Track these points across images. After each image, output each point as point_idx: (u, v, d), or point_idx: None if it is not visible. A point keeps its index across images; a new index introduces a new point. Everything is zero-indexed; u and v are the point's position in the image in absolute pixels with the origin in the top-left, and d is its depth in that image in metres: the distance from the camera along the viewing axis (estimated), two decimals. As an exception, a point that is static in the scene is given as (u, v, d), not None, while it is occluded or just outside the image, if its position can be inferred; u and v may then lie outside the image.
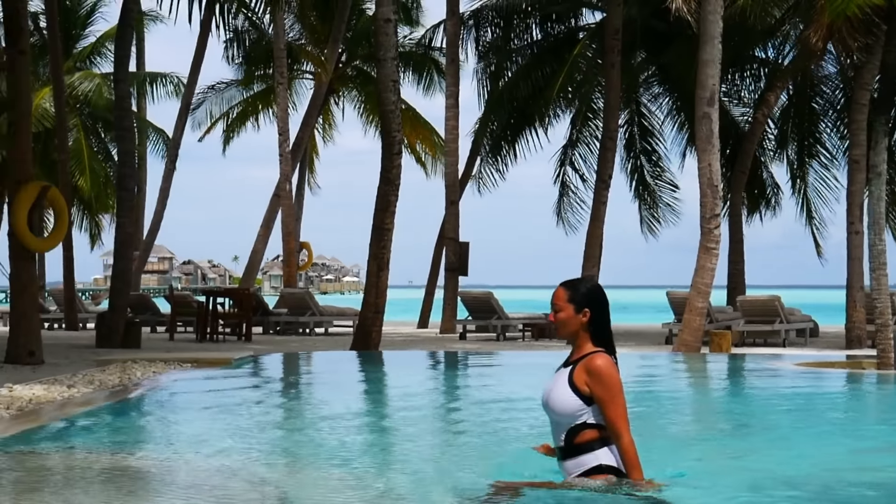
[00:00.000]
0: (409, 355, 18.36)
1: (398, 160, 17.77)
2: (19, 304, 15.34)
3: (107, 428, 8.68)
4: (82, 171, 35.10)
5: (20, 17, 15.45)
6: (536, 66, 27.94)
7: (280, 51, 31.60)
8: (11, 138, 15.59)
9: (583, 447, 5.31)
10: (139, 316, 25.45)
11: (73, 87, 34.82)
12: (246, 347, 19.46)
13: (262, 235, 33.14)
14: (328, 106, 38.15)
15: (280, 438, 8.33)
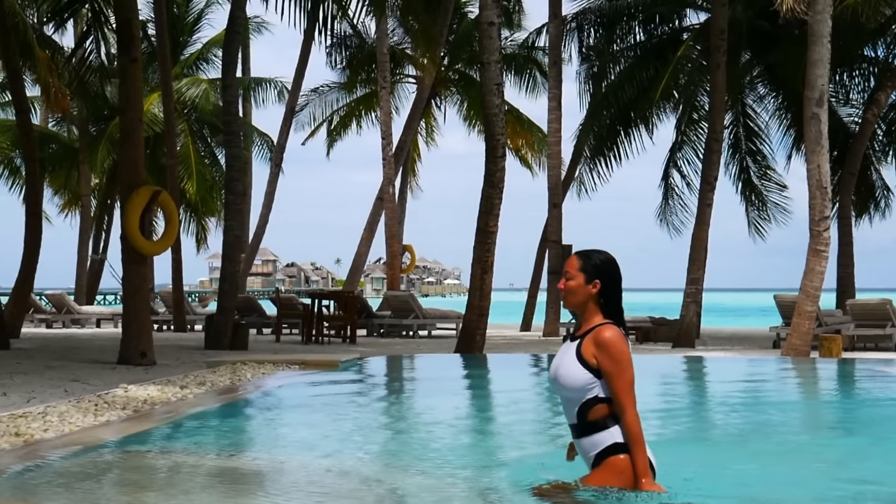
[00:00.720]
0: (513, 358, 18.34)
1: (502, 163, 17.78)
2: (131, 306, 15.66)
3: (220, 429, 8.82)
4: (189, 175, 35.75)
5: (132, 26, 15.76)
6: (640, 68, 27.75)
7: (383, 55, 31.83)
8: (124, 144, 15.89)
9: (597, 424, 5.19)
10: (246, 318, 25.81)
11: (181, 92, 35.47)
12: (351, 350, 19.62)
13: (365, 238, 33.38)
14: (430, 109, 38.31)
15: (389, 440, 8.39)
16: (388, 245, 32.03)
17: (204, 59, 38.75)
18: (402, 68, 37.55)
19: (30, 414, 8.48)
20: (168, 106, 27.62)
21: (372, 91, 36.33)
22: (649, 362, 18.13)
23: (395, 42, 35.74)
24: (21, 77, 22.17)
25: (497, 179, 17.67)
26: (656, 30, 29.22)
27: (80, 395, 10.36)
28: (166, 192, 17.02)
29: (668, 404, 11.74)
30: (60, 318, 32.02)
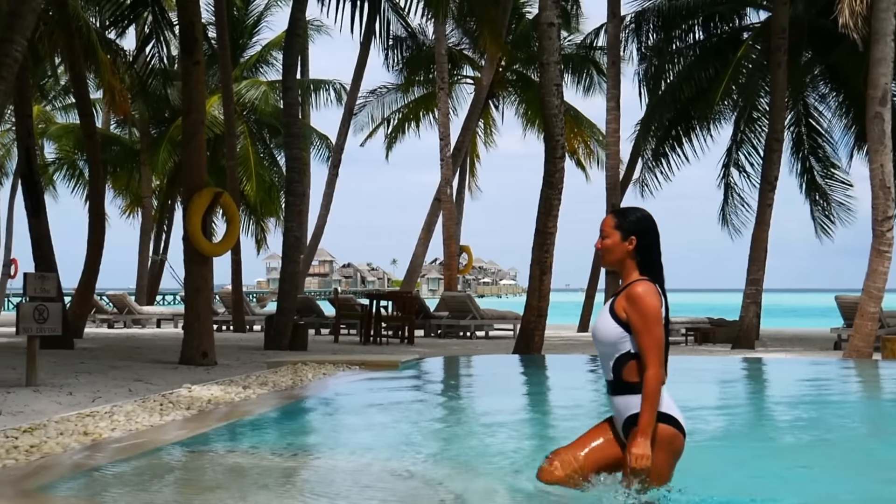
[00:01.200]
0: (571, 359, 18.32)
1: (561, 164, 17.75)
2: (193, 306, 15.82)
3: (283, 429, 8.89)
4: (249, 176, 36.05)
5: (195, 29, 15.93)
6: (700, 67, 27.58)
7: (441, 56, 31.91)
8: (186, 146, 16.06)
9: (633, 386, 5.15)
10: (304, 318, 25.97)
11: (241, 94, 35.78)
12: (410, 350, 19.69)
13: (422, 239, 33.46)
14: (488, 110, 38.32)
15: (450, 442, 8.41)
16: (445, 246, 32.10)
17: (263, 61, 39.05)
18: (459, 69, 37.62)
19: (97, 413, 8.60)
20: (228, 108, 27.85)
21: (430, 92, 36.43)
22: (708, 363, 18.03)
23: (453, 43, 35.82)
24: (85, 80, 22.47)
25: (556, 180, 17.65)
26: (716, 29, 29.01)
27: (145, 394, 10.50)
28: (228, 194, 17.16)
29: (726, 406, 11.68)
30: (122, 318, 32.41)
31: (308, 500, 5.75)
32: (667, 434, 5.11)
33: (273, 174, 37.90)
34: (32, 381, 11.47)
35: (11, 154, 42.80)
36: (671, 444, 5.13)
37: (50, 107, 44.73)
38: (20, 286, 51.07)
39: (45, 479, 5.94)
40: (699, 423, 9.60)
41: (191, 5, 16.08)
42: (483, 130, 39.93)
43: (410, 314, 23.45)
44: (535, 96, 34.79)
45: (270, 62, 39.10)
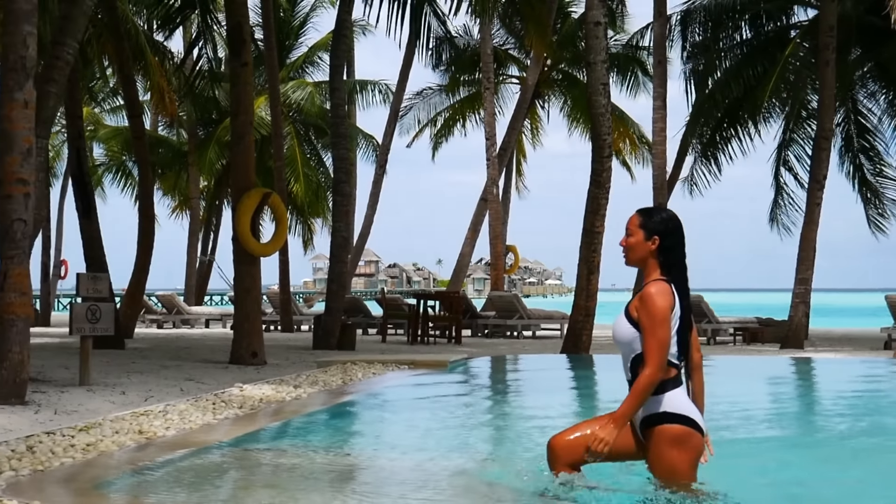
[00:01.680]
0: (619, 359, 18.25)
1: (608, 163, 17.71)
2: (243, 306, 15.92)
3: (334, 427, 8.94)
4: (296, 177, 36.23)
5: (243, 31, 16.03)
6: (747, 66, 27.38)
7: (487, 56, 31.92)
8: (235, 147, 16.16)
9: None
10: (351, 318, 26.05)
11: (287, 95, 35.95)
12: (458, 350, 19.70)
13: (469, 239, 33.47)
14: (534, 109, 38.28)
15: (501, 441, 8.43)
16: (491, 245, 32.11)
17: (309, 62, 39.23)
18: (505, 69, 37.61)
19: (151, 412, 8.69)
20: (275, 109, 27.99)
21: (475, 92, 36.45)
22: (757, 363, 17.93)
23: (499, 43, 35.81)
24: (134, 82, 22.66)
25: (604, 179, 17.61)
26: (763, 27, 28.80)
27: (196, 394, 10.58)
28: (276, 195, 17.26)
29: (776, 406, 11.61)
30: (171, 318, 32.67)
31: (359, 499, 5.78)
32: (677, 432, 5.14)
33: (319, 175, 38.06)
34: (86, 380, 11.59)
35: (61, 156, 43.22)
36: (685, 442, 5.15)
37: (98, 109, 45.15)
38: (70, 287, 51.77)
39: (101, 477, 6.01)
40: (747, 423, 9.56)
41: (238, 7, 16.18)
42: (529, 130, 39.90)
43: (458, 314, 23.47)
44: (581, 95, 34.72)
45: (316, 63, 39.28)
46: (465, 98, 37.63)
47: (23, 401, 9.64)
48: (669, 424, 5.14)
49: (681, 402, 5.18)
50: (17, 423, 8.29)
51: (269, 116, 30.73)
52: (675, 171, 30.34)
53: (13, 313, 9.74)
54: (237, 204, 15.98)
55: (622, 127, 37.07)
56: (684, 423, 5.14)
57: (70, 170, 20.23)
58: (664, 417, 5.16)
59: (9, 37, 9.95)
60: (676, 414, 5.15)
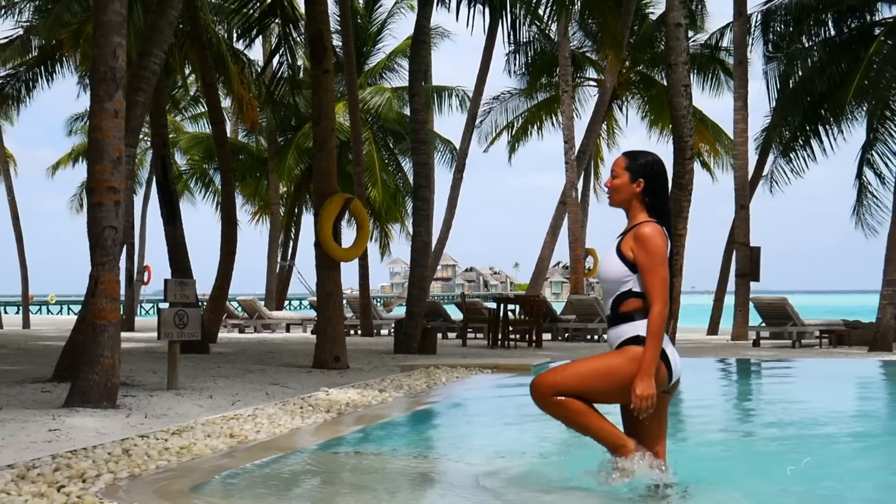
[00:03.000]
0: (702, 363, 18.11)
1: (690, 165, 17.57)
2: (326, 311, 16.02)
3: (420, 431, 8.97)
4: (374, 182, 36.41)
5: (323, 39, 16.15)
6: (830, 65, 26.99)
7: (565, 59, 31.85)
8: (317, 154, 16.28)
9: (626, 316, 5.29)
10: (431, 322, 26.12)
11: (365, 101, 36.15)
12: (539, 354, 19.67)
13: (548, 242, 33.39)
14: (612, 111, 38.12)
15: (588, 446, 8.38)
16: (571, 249, 32.01)
17: (387, 68, 39.40)
18: (582, 72, 37.49)
19: (241, 416, 8.79)
20: (354, 115, 28.16)
21: (552, 96, 36.39)
22: (843, 366, 17.68)
23: (576, 46, 35.71)
24: (216, 90, 22.93)
25: (686, 182, 17.47)
26: (846, 25, 28.39)
27: (282, 398, 10.68)
28: (358, 200, 17.36)
29: (863, 410, 11.45)
30: (252, 323, 32.99)
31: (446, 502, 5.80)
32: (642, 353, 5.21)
33: (398, 180, 38.24)
34: (174, 384, 11.75)
35: (144, 163, 43.93)
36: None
37: (180, 117, 45.80)
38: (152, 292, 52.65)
39: (196, 480, 6.10)
40: (833, 428, 9.43)
41: (319, 16, 16.30)
42: (606, 132, 39.73)
43: (538, 317, 23.44)
44: (659, 97, 34.54)
45: (394, 69, 39.45)
46: (543, 101, 37.57)
47: (114, 404, 9.81)
48: (640, 346, 5.21)
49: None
50: (111, 426, 8.43)
51: (347, 122, 30.91)
52: (757, 171, 30.04)
53: (104, 319, 9.91)
54: (319, 209, 16.09)
55: (702, 128, 36.76)
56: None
57: (156, 177, 20.52)
58: (636, 339, 5.27)
59: (98, 48, 10.12)
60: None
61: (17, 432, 7.86)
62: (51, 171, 48.25)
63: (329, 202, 16.02)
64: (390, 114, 36.94)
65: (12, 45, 30.77)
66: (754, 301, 25.59)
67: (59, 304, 77.85)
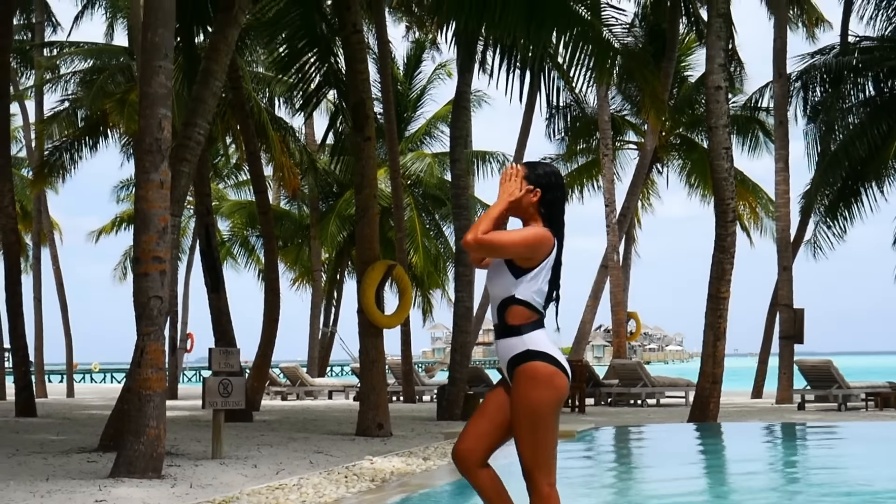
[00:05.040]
0: (749, 427, 17.93)
1: (732, 227, 17.53)
2: (369, 378, 16.02)
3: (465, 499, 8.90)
4: (415, 248, 36.49)
5: (366, 107, 16.30)
6: (871, 126, 26.94)
7: (605, 123, 31.93)
8: (359, 221, 16.36)
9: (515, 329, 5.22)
10: (473, 388, 26.00)
11: (406, 167, 36.34)
12: (582, 419, 19.54)
13: (590, 306, 33.26)
14: (652, 174, 38.11)
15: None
16: (613, 312, 31.87)
17: (427, 133, 39.63)
18: (622, 135, 37.55)
19: (286, 485, 8.77)
20: (395, 181, 28.29)
21: (593, 159, 36.42)
22: (889, 429, 17.45)
23: (616, 109, 35.80)
24: (259, 158, 23.14)
25: (728, 244, 17.43)
26: (886, 84, 28.36)
27: (326, 466, 10.66)
28: (401, 267, 17.42)
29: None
30: (295, 390, 32.98)
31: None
32: (545, 370, 5.10)
33: (439, 245, 38.30)
34: (218, 453, 11.76)
35: (187, 231, 44.26)
36: (550, 380, 5.10)
37: (222, 184, 46.22)
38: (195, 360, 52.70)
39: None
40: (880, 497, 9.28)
41: (360, 84, 16.45)
42: (646, 195, 39.67)
43: (581, 382, 23.31)
44: (700, 159, 34.47)
45: (434, 135, 39.67)
46: (583, 165, 37.62)
47: (159, 474, 9.82)
48: (532, 362, 5.12)
49: (543, 342, 5.18)
50: (156, 497, 8.44)
51: (389, 188, 31.06)
52: (799, 232, 29.87)
53: (150, 388, 9.96)
54: (362, 276, 16.14)
55: (743, 189, 36.65)
56: (547, 361, 5.12)
57: (199, 245, 20.68)
58: (527, 355, 5.15)
59: (145, 120, 10.27)
60: (537, 351, 5.14)
61: (65, 503, 7.88)
62: (94, 237, 48.75)
63: (371, 269, 16.07)
64: (431, 179, 37.10)
65: (58, 116, 31.25)
66: (798, 364, 25.34)
67: (102, 372, 78.20)
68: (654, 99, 24.95)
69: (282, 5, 19.21)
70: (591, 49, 16.89)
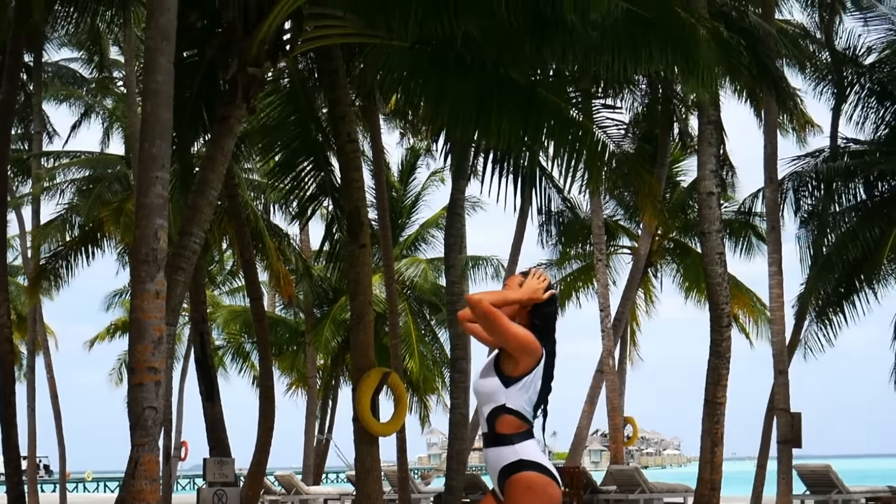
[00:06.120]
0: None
1: (728, 332, 17.60)
2: (365, 487, 15.92)
3: None
4: (411, 353, 36.40)
5: (360, 214, 16.43)
6: (863, 229, 27.07)
7: (598, 228, 32.09)
8: (354, 328, 16.38)
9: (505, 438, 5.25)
10: (470, 495, 25.77)
11: (400, 272, 36.44)
12: (581, 527, 19.35)
13: (586, 412, 33.09)
14: (647, 278, 38.18)
15: None
16: (609, 418, 31.70)
17: (422, 239, 39.83)
18: (616, 240, 37.73)
19: None
20: (390, 287, 28.28)
21: (587, 264, 36.51)
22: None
23: (609, 214, 36.02)
24: (254, 266, 23.24)
25: (723, 349, 17.47)
26: (877, 187, 28.57)
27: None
28: (396, 374, 17.41)
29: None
30: (290, 498, 32.65)
31: None
32: (533, 479, 5.06)
33: (434, 351, 38.19)
34: (212, 566, 11.61)
35: (182, 338, 44.14)
36: (545, 490, 5.06)
37: (217, 291, 46.24)
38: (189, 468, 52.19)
39: None
40: None
41: (355, 192, 16.60)
42: (643, 298, 39.70)
43: (579, 489, 23.15)
44: (693, 263, 34.58)
45: (429, 240, 39.85)
46: (577, 270, 37.70)
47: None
48: (525, 472, 5.08)
49: (535, 452, 5.14)
50: None
51: (383, 294, 31.08)
52: (795, 336, 29.82)
53: (144, 500, 9.87)
54: (357, 384, 16.12)
55: (737, 293, 36.70)
56: (540, 471, 5.08)
57: (194, 354, 20.64)
58: (520, 465, 5.15)
59: (140, 230, 10.32)
60: (531, 461, 5.11)
61: None
62: (88, 345, 48.57)
63: (367, 377, 16.05)
64: (426, 284, 37.17)
65: (54, 224, 31.40)
66: (797, 469, 25.18)
67: (95, 481, 77.42)
68: (649, 197, 25.15)
69: (277, 113, 19.42)
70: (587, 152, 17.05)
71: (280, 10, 13.57)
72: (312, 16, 14.63)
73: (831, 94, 28.42)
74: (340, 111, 16.64)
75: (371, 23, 14.04)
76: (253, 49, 13.55)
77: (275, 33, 13.89)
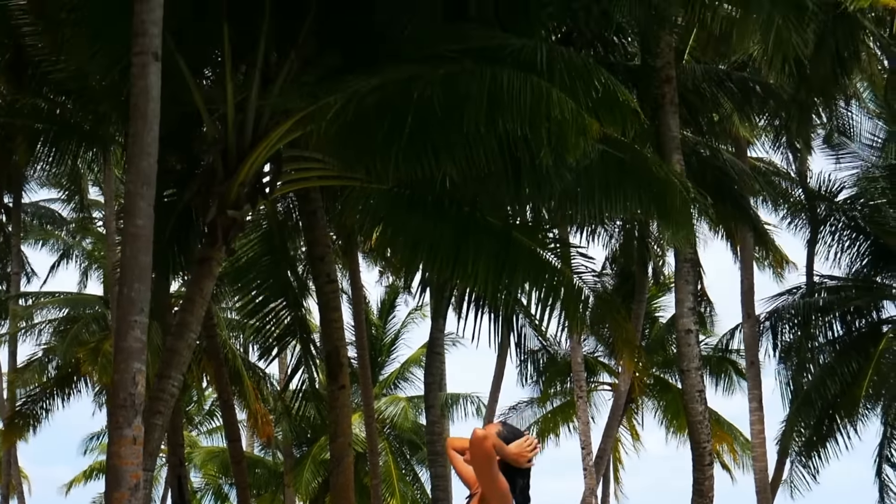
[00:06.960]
0: None
1: (710, 471, 17.49)
2: None
3: None
4: (392, 493, 36.01)
5: (339, 354, 16.40)
6: (841, 364, 27.13)
7: (577, 365, 32.03)
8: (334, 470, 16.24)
9: None
10: None
11: (380, 411, 36.22)
12: None
13: (569, 551, 32.63)
14: (629, 413, 38.02)
15: None
16: (593, 558, 31.27)
17: (402, 377, 39.68)
18: (596, 376, 37.65)
19: None
20: (370, 427, 28.10)
21: (567, 401, 36.36)
22: None
23: (588, 351, 35.99)
24: (233, 407, 23.08)
25: (706, 488, 17.35)
26: (854, 324, 28.70)
27: None
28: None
29: None
30: None
31: None
32: None
33: (415, 490, 37.76)
34: None
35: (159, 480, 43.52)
36: None
37: (195, 431, 45.78)
38: None
39: None
40: None
41: (334, 332, 16.60)
42: (626, 435, 39.48)
43: None
44: (675, 399, 34.50)
45: (409, 378, 39.68)
46: (558, 407, 37.52)
47: None
48: None
49: None
50: None
51: (363, 433, 30.83)
52: (778, 472, 29.62)
53: None
54: (337, 527, 15.91)
55: (718, 429, 36.54)
56: None
57: (171, 498, 20.37)
58: None
59: (118, 374, 10.29)
60: None
61: None
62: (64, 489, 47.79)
63: (347, 519, 15.86)
64: (406, 423, 36.94)
65: (30, 367, 31.17)
66: None
67: None
68: (626, 343, 25.17)
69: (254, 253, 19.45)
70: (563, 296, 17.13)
71: (260, 154, 13.73)
72: (292, 158, 14.79)
73: (806, 230, 28.76)
74: (319, 252, 16.72)
75: (350, 166, 14.21)
76: (233, 192, 13.65)
77: (255, 176, 14.02)
